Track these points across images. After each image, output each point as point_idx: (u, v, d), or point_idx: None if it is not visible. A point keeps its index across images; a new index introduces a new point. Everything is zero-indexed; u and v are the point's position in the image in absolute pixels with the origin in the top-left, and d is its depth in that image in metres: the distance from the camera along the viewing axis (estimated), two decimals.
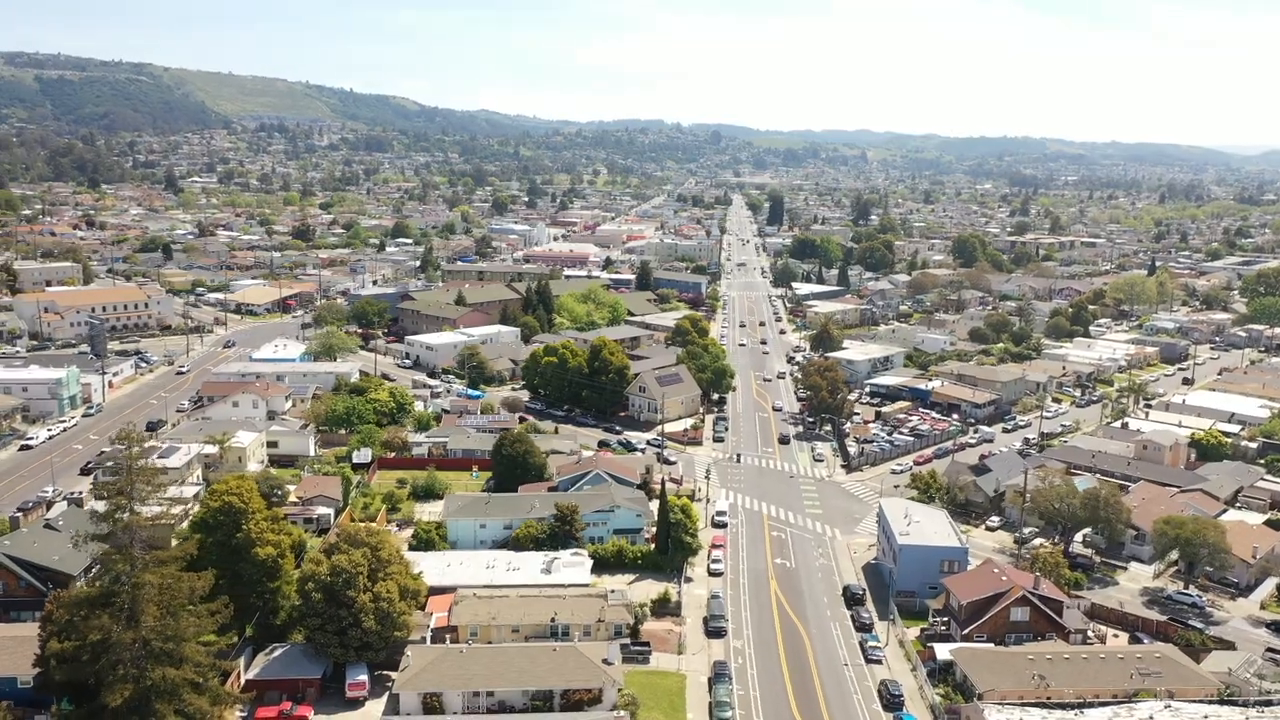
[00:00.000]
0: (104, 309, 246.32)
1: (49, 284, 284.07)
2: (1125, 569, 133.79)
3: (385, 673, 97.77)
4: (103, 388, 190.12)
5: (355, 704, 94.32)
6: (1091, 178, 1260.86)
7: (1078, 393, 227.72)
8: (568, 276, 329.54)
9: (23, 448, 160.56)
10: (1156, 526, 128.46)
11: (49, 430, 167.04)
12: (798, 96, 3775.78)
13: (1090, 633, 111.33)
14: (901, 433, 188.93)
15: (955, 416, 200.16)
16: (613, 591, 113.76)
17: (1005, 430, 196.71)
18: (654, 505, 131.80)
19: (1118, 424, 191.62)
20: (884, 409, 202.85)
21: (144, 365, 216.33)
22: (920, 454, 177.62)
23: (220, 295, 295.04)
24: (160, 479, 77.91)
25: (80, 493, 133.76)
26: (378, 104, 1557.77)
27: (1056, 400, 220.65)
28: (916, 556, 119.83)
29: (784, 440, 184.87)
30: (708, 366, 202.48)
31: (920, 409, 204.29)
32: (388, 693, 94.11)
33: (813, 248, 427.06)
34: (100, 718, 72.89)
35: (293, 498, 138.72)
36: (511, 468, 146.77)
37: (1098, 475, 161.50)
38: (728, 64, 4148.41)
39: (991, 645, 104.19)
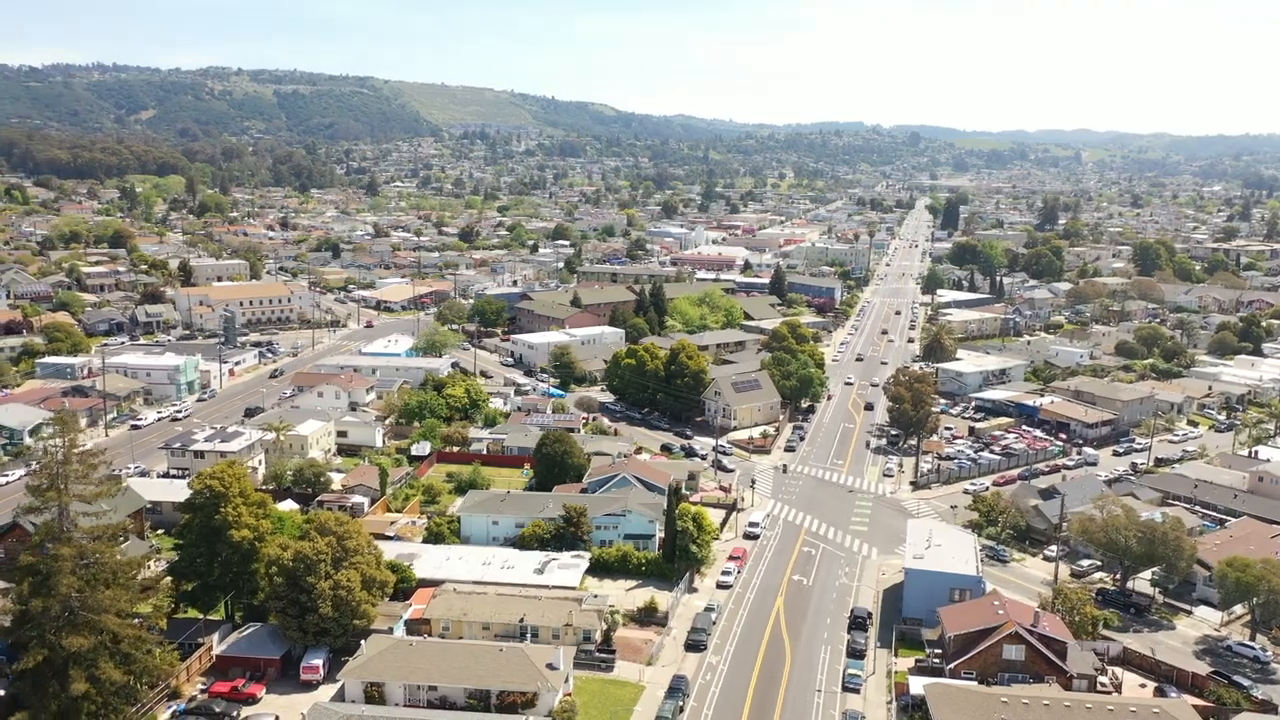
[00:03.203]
0: (249, 303, 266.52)
1: (219, 279, 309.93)
2: (1190, 612, 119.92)
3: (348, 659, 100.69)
4: (220, 375, 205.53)
5: (309, 687, 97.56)
6: None
7: (1222, 416, 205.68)
8: (699, 279, 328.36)
9: (133, 427, 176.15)
10: (1219, 568, 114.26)
11: (158, 413, 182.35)
12: (1008, 96, 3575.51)
13: (1107, 680, 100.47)
14: (993, 451, 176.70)
15: (1062, 436, 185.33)
16: (595, 596, 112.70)
17: (1116, 453, 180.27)
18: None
19: (1246, 452, 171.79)
20: (980, 425, 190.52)
21: (269, 355, 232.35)
22: (1004, 474, 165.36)
23: (365, 293, 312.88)
24: (93, 460, 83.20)
25: (137, 467, 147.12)
26: (577, 111, 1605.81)
27: (1192, 423, 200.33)
28: (924, 582, 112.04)
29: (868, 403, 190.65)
30: (793, 373, 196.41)
31: (1024, 426, 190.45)
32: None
33: (973, 253, 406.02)
34: (24, 679, 78.88)
35: (337, 485, 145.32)
36: (551, 467, 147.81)
37: (1196, 508, 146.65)
38: (931, 64, 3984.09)
39: (973, 684, 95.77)
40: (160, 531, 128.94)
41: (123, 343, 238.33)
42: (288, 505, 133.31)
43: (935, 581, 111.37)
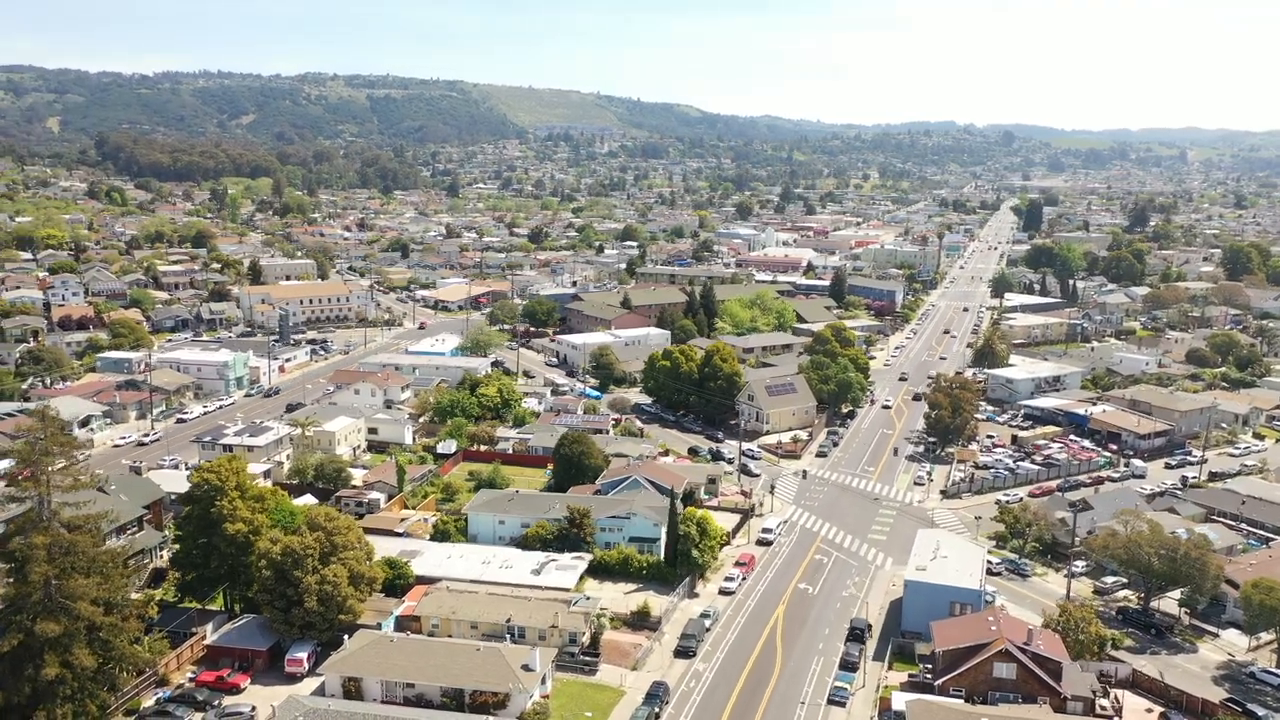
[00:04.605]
0: (309, 302, 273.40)
1: (287, 278, 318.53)
2: (1216, 635, 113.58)
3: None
4: (269, 371, 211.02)
5: (293, 679, 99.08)
6: None
7: None
8: (759, 281, 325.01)
9: (179, 420, 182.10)
10: (1244, 590, 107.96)
11: (204, 407, 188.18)
12: (1110, 93, 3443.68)
13: (1107, 703, 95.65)
14: (1033, 460, 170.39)
15: (1112, 447, 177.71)
16: (587, 598, 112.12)
17: (1168, 466, 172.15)
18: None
19: None
20: (1025, 433, 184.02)
21: (320, 353, 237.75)
22: (1041, 485, 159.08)
23: (425, 292, 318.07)
24: (73, 452, 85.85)
25: (171, 460, 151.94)
26: (662, 112, 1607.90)
27: (1258, 436, 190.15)
28: (923, 594, 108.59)
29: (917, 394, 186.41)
30: (832, 377, 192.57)
31: (1071, 436, 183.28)
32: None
33: (1049, 256, 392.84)
34: (2, 663, 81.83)
35: (358, 481, 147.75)
36: (568, 467, 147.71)
37: (1242, 525, 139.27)
38: (1029, 61, 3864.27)
39: (958, 702, 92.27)
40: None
41: (187, 339, 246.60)
42: (307, 500, 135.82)
43: (935, 594, 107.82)
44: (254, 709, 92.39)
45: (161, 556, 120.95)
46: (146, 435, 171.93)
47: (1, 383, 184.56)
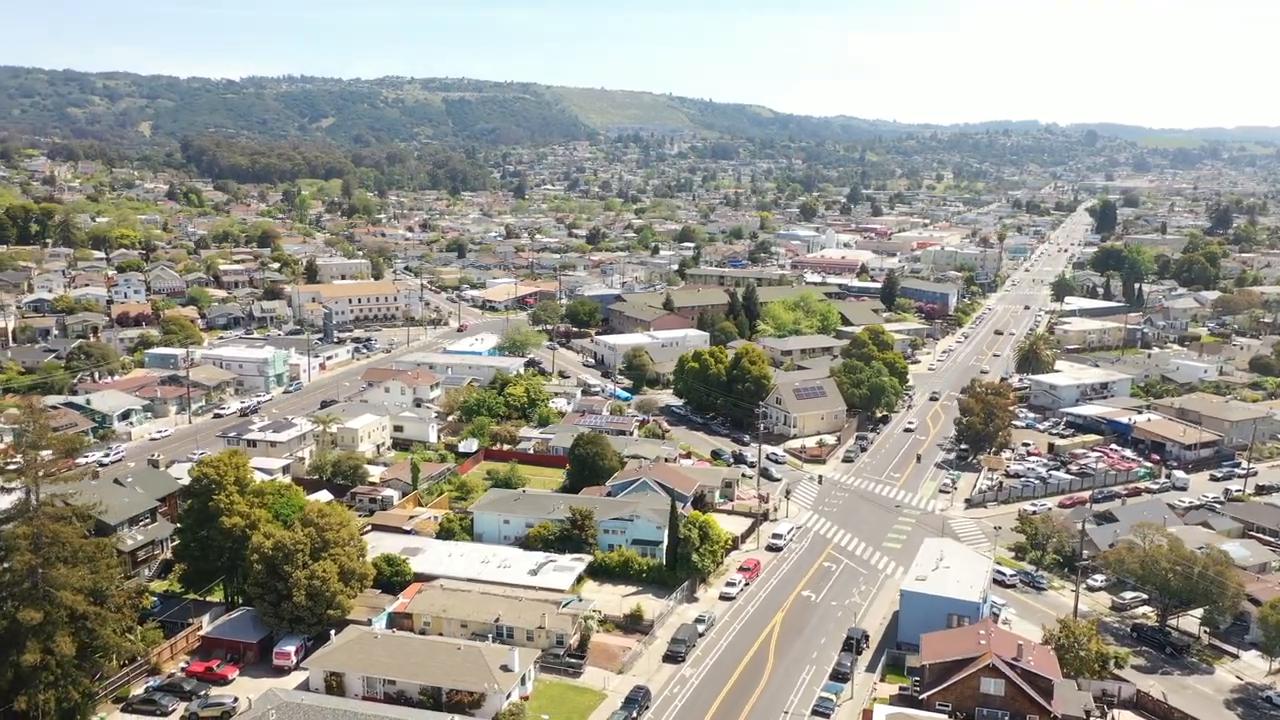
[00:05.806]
0: (357, 300, 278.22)
1: (342, 277, 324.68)
2: (1237, 657, 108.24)
3: None
4: (308, 369, 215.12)
5: (281, 672, 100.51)
6: None
7: None
8: (809, 283, 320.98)
9: (215, 415, 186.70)
10: (1263, 610, 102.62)
11: (241, 403, 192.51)
12: (1203, 90, 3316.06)
13: None
14: (1068, 470, 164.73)
15: (1155, 457, 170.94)
16: (579, 599, 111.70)
17: (1214, 478, 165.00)
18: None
19: None
20: (1062, 442, 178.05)
21: (363, 351, 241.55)
22: (1073, 495, 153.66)
23: (475, 292, 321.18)
24: (62, 447, 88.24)
25: (201, 453, 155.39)
26: (734, 113, 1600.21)
27: None
28: (920, 605, 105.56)
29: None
30: (864, 381, 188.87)
31: (1112, 445, 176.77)
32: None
33: (1117, 259, 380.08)
34: None
35: (375, 478, 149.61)
36: (583, 468, 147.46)
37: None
38: (1116, 57, 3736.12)
39: (944, 718, 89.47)
40: None
41: (238, 336, 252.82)
42: (323, 495, 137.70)
43: (931, 605, 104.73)
44: (236, 700, 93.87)
45: (166, 549, 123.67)
46: (108, 455, 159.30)
47: (52, 376, 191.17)
